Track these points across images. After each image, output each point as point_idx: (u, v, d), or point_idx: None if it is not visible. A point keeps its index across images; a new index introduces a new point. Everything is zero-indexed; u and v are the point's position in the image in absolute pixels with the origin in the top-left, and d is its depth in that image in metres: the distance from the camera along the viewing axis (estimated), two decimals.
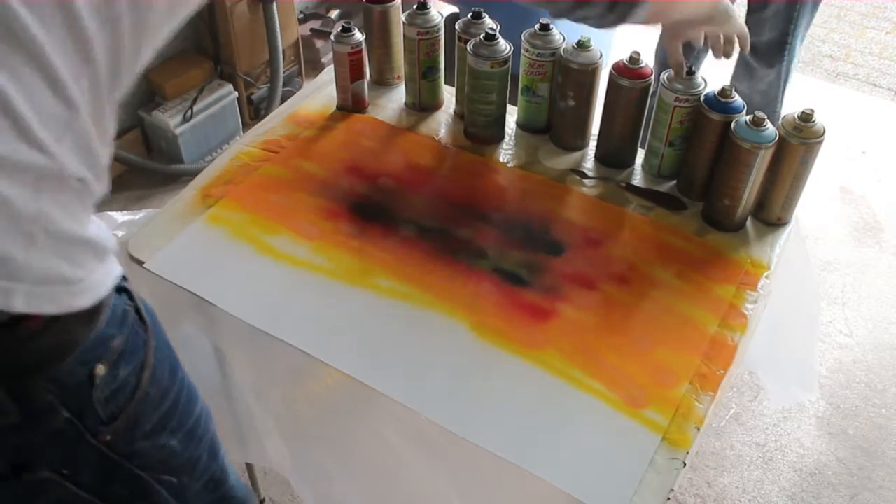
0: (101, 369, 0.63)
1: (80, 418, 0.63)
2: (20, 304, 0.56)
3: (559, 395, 0.92)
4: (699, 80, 1.13)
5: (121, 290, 0.68)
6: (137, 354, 0.68)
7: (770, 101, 2.15)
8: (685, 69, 1.12)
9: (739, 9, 1.63)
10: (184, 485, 0.77)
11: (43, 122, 0.54)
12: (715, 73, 2.22)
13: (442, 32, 1.28)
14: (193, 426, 0.77)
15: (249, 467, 1.51)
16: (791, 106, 2.20)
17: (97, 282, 0.62)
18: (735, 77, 2.22)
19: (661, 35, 1.52)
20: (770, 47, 2.05)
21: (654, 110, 1.16)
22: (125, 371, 0.66)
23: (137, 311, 0.70)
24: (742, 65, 2.16)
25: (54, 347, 0.60)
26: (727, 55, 1.14)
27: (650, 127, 1.19)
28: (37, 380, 0.59)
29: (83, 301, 0.61)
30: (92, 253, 0.62)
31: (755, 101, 2.16)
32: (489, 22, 1.26)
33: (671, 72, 1.13)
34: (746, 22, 2.07)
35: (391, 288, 1.04)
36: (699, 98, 1.11)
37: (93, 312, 0.62)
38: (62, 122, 0.55)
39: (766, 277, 1.08)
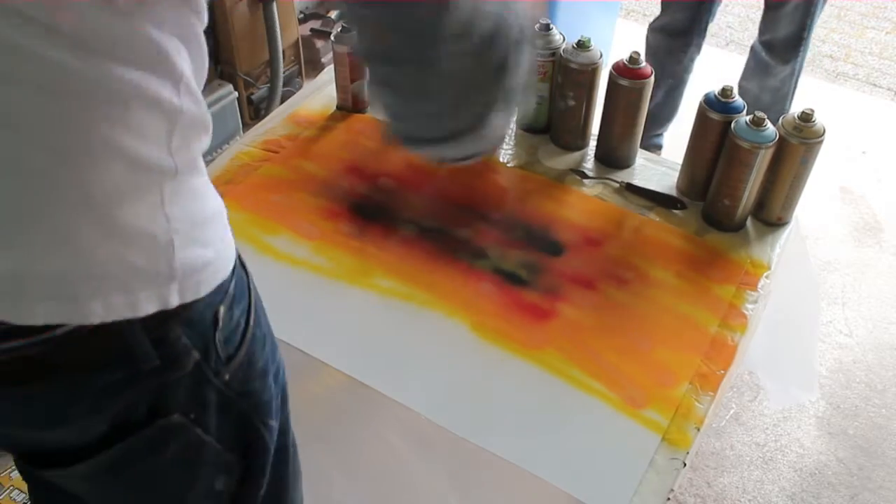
0: (222, 310, 0.66)
1: (205, 359, 0.65)
2: (175, 299, 0.60)
3: (559, 395, 0.92)
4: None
5: None
6: (244, 296, 0.71)
7: (781, 97, 2.16)
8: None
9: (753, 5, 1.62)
10: (273, 429, 0.79)
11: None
12: (719, 73, 2.23)
13: None
14: (277, 370, 0.80)
15: None
16: (793, 105, 2.21)
17: (229, 248, 0.67)
18: (746, 75, 2.22)
19: None
20: (786, 43, 2.05)
21: None
22: (238, 311, 0.69)
23: (238, 254, 0.72)
24: (755, 62, 2.16)
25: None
26: None
27: None
28: (173, 324, 0.61)
29: (226, 272, 0.65)
30: (220, 223, 0.67)
31: (764, 99, 2.17)
32: None
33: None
34: (764, 19, 2.07)
35: (391, 288, 1.04)
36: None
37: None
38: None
39: (766, 277, 1.08)
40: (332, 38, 1.28)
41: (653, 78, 1.15)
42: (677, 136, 2.27)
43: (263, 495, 0.80)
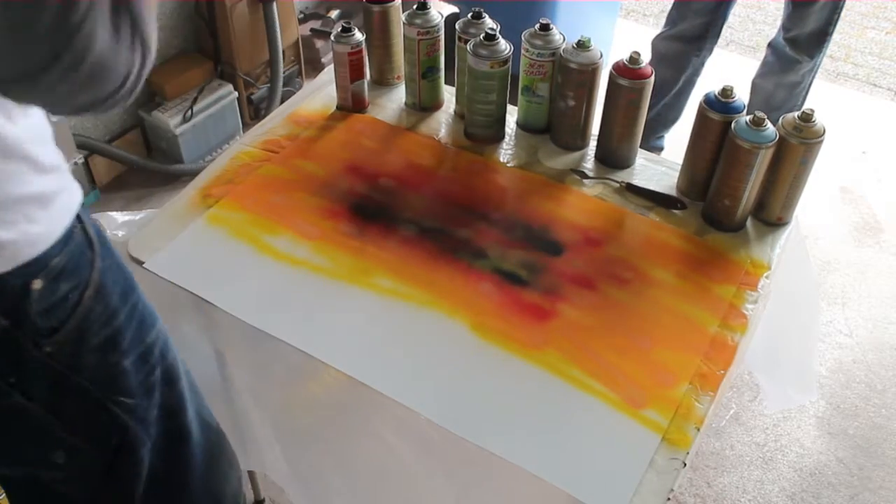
0: (37, 283, 0.66)
1: (17, 327, 0.66)
2: None
3: (559, 395, 0.92)
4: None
5: None
6: (81, 273, 0.71)
7: (798, 94, 2.16)
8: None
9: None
10: (142, 407, 0.80)
11: None
12: (720, 73, 2.22)
13: (442, 32, 1.28)
14: (146, 351, 0.80)
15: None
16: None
17: (47, 231, 0.66)
18: (762, 73, 2.22)
19: None
20: (811, 38, 2.06)
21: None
22: (66, 286, 0.69)
23: (85, 232, 0.72)
24: (776, 59, 2.16)
25: None
26: None
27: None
28: None
29: (31, 252, 0.65)
30: (35, 206, 0.66)
31: (779, 96, 2.17)
32: (489, 22, 1.26)
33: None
34: (790, 15, 2.08)
35: (391, 288, 1.04)
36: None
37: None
38: None
39: (766, 277, 1.08)
40: (332, 38, 1.28)
41: (653, 78, 1.15)
42: (677, 136, 2.27)
43: (147, 480, 0.82)
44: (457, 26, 1.27)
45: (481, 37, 1.19)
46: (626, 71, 1.14)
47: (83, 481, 0.80)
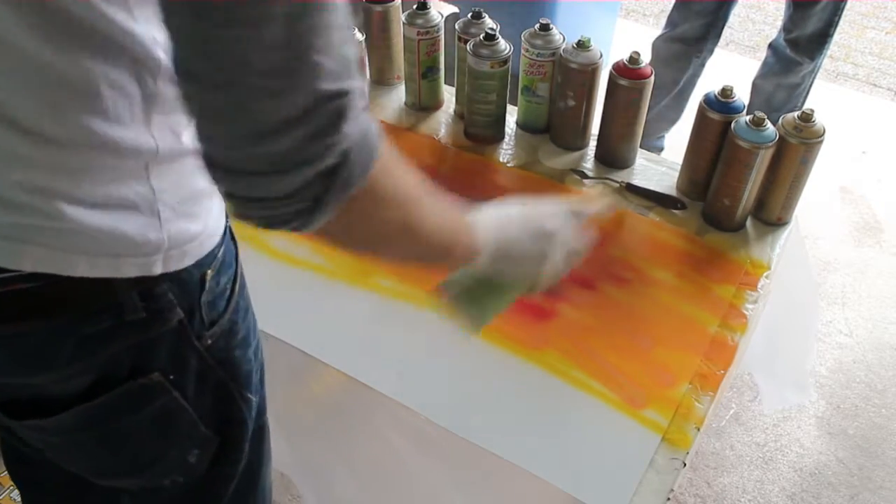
0: (209, 274, 0.68)
1: (189, 319, 0.67)
2: (158, 268, 0.62)
3: (559, 395, 0.92)
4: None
5: None
6: (232, 265, 0.73)
7: (799, 94, 2.17)
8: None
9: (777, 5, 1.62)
10: (252, 405, 0.80)
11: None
12: (720, 73, 2.23)
13: (442, 32, 1.28)
14: (257, 346, 0.81)
15: None
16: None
17: (217, 223, 0.68)
18: (763, 73, 2.22)
19: None
20: (812, 40, 2.06)
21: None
22: (224, 279, 0.71)
23: (229, 226, 0.74)
24: (776, 60, 2.16)
25: None
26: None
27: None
28: (161, 280, 0.63)
29: (211, 244, 0.67)
30: (209, 198, 0.67)
31: (779, 97, 2.17)
32: (489, 22, 1.26)
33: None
34: (791, 17, 2.08)
35: (391, 288, 1.04)
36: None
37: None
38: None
39: (766, 277, 1.08)
40: None
41: (653, 78, 1.15)
42: (677, 136, 2.27)
43: (240, 474, 0.81)
44: (457, 26, 1.27)
45: (481, 37, 1.19)
46: (626, 71, 1.14)
47: (195, 481, 0.78)
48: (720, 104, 1.09)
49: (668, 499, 0.84)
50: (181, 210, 0.63)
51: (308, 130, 0.46)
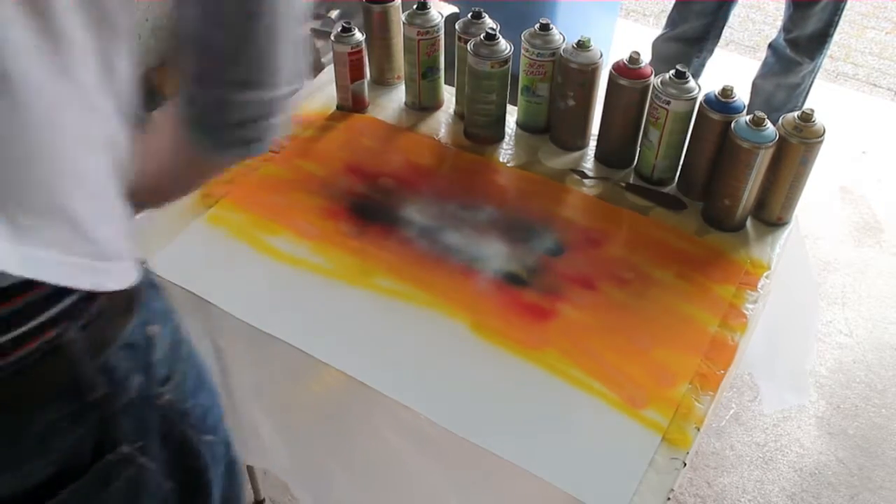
0: (154, 329, 0.66)
1: (147, 381, 0.65)
2: (112, 283, 0.58)
3: (559, 395, 0.92)
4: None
5: None
6: (169, 314, 0.70)
7: (799, 94, 2.17)
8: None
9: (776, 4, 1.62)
10: (216, 444, 0.78)
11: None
12: (720, 73, 2.23)
13: (442, 32, 1.28)
14: (208, 380, 0.79)
15: (249, 468, 1.51)
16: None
17: (132, 264, 0.65)
18: (763, 73, 2.22)
19: None
20: (812, 39, 2.07)
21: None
22: (167, 329, 0.69)
23: (149, 271, 0.72)
24: (776, 60, 2.16)
25: (122, 314, 0.62)
26: None
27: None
28: (114, 349, 0.61)
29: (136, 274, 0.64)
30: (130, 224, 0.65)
31: (779, 97, 2.17)
32: (489, 22, 1.26)
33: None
34: (791, 16, 2.08)
35: (391, 288, 1.04)
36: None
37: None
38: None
39: (766, 277, 1.08)
40: (332, 38, 1.28)
41: (653, 78, 1.15)
42: None
43: None
44: (457, 26, 1.27)
45: (481, 37, 1.19)
46: (626, 71, 1.14)
47: None
48: (720, 104, 1.09)
49: (668, 499, 0.84)
50: (124, 219, 0.62)
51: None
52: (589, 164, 1.25)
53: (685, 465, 0.86)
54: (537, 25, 1.20)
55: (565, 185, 1.21)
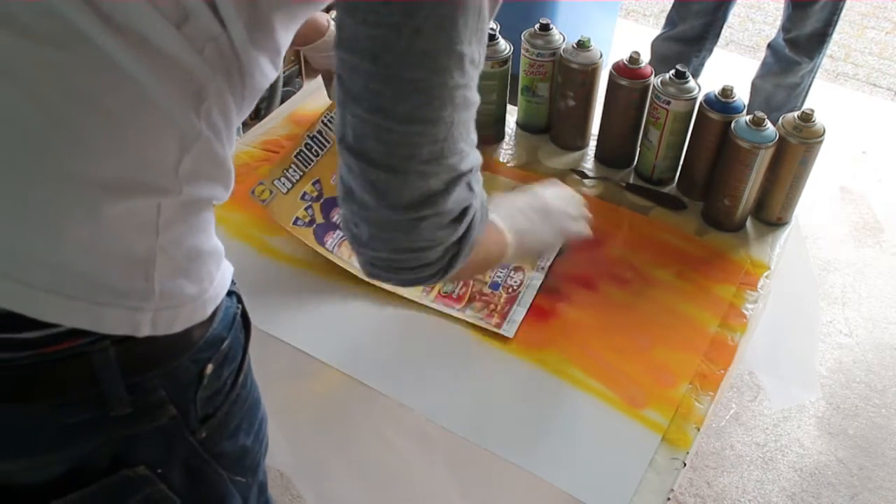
0: (209, 368, 0.64)
1: (183, 415, 0.63)
2: (146, 328, 0.57)
3: (559, 395, 0.92)
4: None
5: (230, 292, 0.69)
6: (237, 357, 0.69)
7: (798, 94, 2.17)
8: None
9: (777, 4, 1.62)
10: (248, 485, 0.77)
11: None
12: (720, 73, 2.22)
13: None
14: (259, 426, 0.77)
15: None
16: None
17: (217, 292, 0.64)
18: (762, 73, 2.22)
19: None
20: (811, 39, 2.07)
21: None
22: (227, 372, 0.67)
23: (244, 314, 0.71)
24: (775, 60, 2.17)
25: (172, 345, 0.61)
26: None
27: None
28: (153, 374, 0.60)
29: (204, 313, 0.62)
30: (214, 263, 0.64)
31: (778, 97, 2.17)
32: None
33: None
34: (790, 16, 2.09)
35: (391, 288, 1.04)
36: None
37: (210, 314, 0.64)
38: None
39: (766, 277, 1.08)
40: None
41: (653, 78, 1.15)
42: None
43: None
44: None
45: None
46: (626, 71, 1.14)
47: None
48: (720, 104, 1.09)
49: (668, 499, 0.84)
50: (181, 265, 0.59)
51: (446, 205, 0.59)
52: (589, 164, 1.25)
53: (685, 465, 0.86)
54: (537, 25, 1.20)
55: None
